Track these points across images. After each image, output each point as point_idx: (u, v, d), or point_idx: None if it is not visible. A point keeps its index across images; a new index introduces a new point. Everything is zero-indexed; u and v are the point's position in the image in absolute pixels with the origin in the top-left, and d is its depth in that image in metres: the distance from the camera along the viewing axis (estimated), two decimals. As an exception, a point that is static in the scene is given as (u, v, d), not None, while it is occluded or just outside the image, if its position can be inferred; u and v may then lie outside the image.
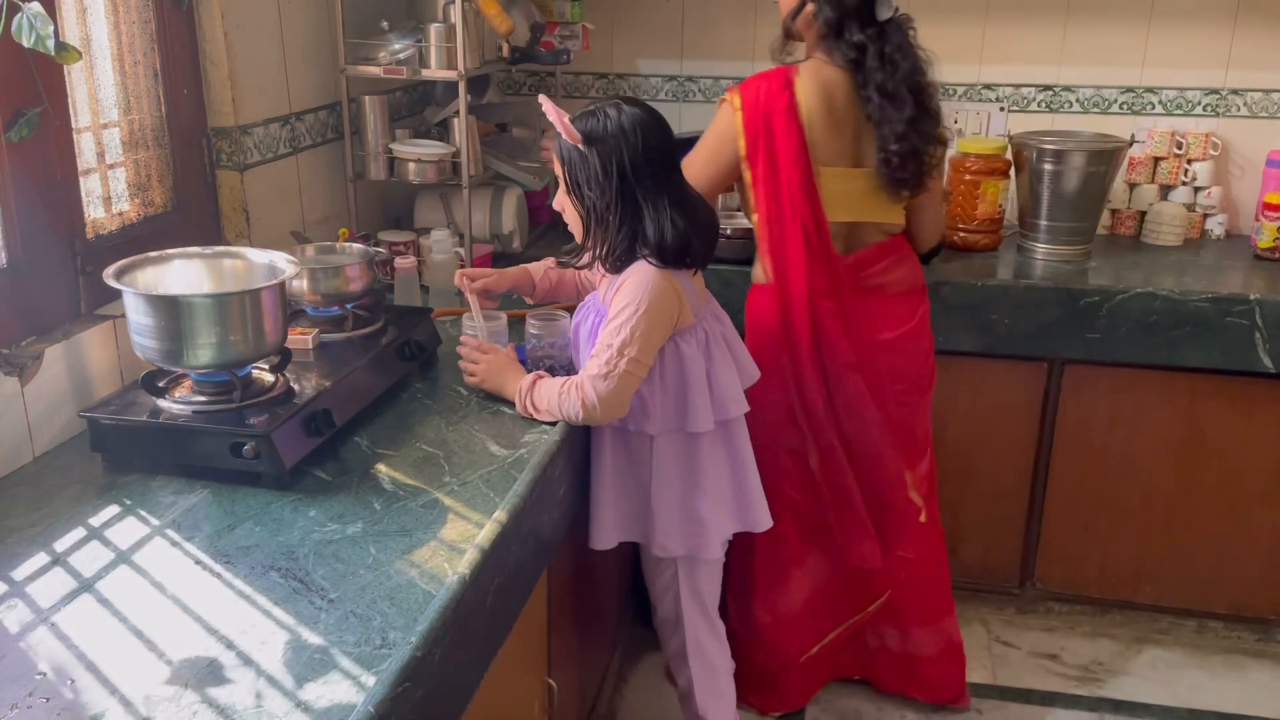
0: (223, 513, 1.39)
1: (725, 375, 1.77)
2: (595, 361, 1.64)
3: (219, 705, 1.02)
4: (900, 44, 2.00)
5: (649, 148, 1.64)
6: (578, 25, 2.71)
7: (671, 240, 1.64)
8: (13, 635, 1.13)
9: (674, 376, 1.73)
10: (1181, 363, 2.43)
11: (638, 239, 1.66)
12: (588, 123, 1.65)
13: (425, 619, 1.15)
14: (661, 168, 1.66)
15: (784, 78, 2.03)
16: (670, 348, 1.71)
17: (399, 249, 2.34)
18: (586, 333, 1.76)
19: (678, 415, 1.74)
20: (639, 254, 1.66)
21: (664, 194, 1.65)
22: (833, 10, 2.00)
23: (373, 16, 2.41)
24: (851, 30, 1.99)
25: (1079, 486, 2.61)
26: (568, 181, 1.69)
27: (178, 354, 1.46)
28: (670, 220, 1.64)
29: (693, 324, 1.73)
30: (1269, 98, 2.78)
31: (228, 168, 2.05)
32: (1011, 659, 2.59)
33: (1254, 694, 2.48)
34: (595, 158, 1.64)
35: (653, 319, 1.64)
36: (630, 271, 1.67)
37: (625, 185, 1.64)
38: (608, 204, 1.65)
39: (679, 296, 1.68)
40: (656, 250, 1.64)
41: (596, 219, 1.68)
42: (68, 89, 1.64)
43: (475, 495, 1.45)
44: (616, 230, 1.66)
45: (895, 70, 1.99)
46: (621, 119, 1.63)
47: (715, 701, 1.98)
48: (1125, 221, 2.88)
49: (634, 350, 1.62)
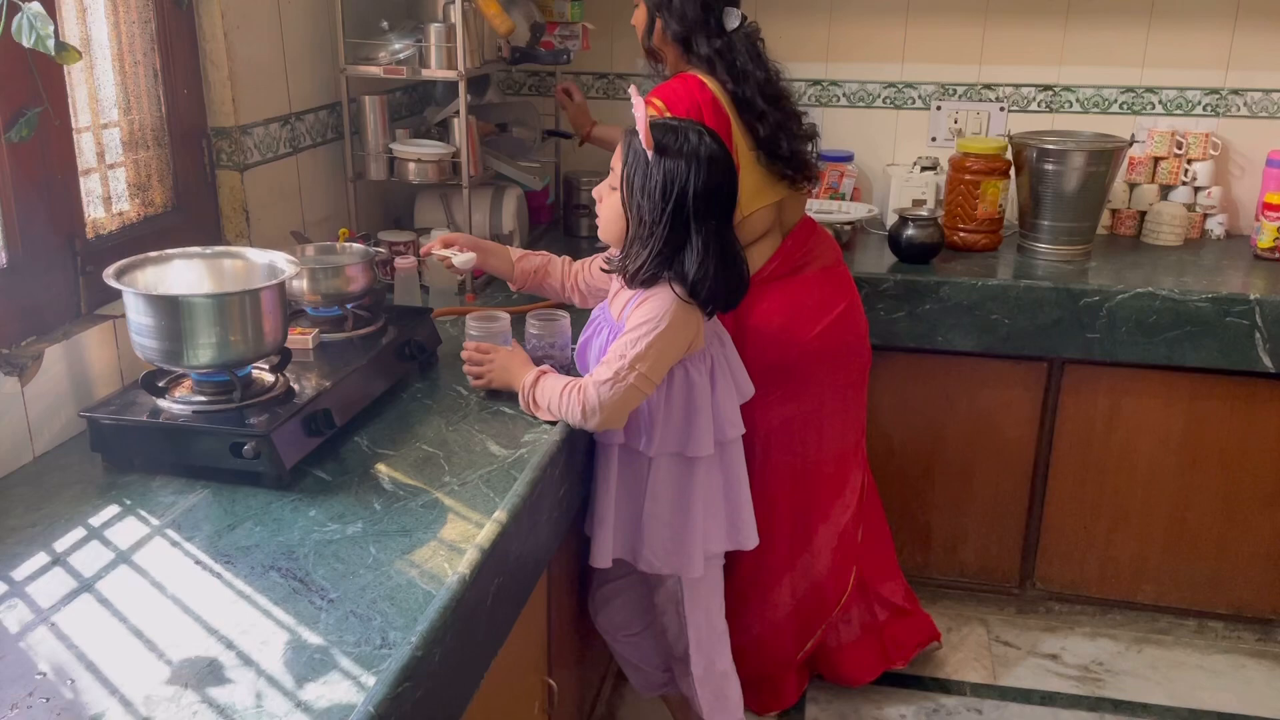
0: (223, 513, 1.39)
1: (726, 399, 1.78)
2: (605, 368, 1.62)
3: (219, 705, 1.02)
4: (751, 54, 2.04)
5: (714, 187, 1.62)
6: (578, 25, 2.71)
7: (705, 285, 1.63)
8: (13, 635, 1.13)
9: (681, 401, 1.73)
10: (1181, 363, 2.43)
11: (672, 267, 1.64)
12: (667, 136, 1.63)
13: (425, 619, 1.15)
14: (719, 210, 1.65)
15: (694, 78, 2.03)
16: (679, 372, 1.71)
17: (399, 249, 2.34)
18: (596, 350, 1.75)
19: (679, 439, 1.74)
20: (667, 280, 1.64)
21: (713, 236, 1.63)
22: (678, 24, 2.04)
23: (373, 16, 2.41)
24: (699, 43, 2.04)
25: (1079, 486, 2.62)
26: (624, 180, 1.66)
27: (178, 354, 1.46)
28: (713, 265, 1.62)
29: (702, 349, 1.73)
30: (1269, 98, 2.78)
31: (228, 168, 2.05)
32: (1011, 659, 2.59)
33: (1254, 694, 2.48)
34: (660, 172, 1.61)
35: (669, 339, 1.63)
36: (655, 290, 1.65)
37: (679, 211, 1.61)
38: (655, 220, 1.62)
39: (698, 324, 1.69)
40: (689, 287, 1.63)
41: (637, 229, 1.65)
42: (68, 89, 1.64)
43: (475, 495, 1.44)
44: (656, 250, 1.63)
45: (747, 80, 2.02)
46: (700, 147, 1.62)
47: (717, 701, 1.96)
48: (1125, 221, 2.88)
49: (645, 366, 1.61)
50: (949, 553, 2.74)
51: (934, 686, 2.49)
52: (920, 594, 2.69)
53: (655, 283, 1.65)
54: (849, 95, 2.99)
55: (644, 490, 1.78)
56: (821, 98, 3.00)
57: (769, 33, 2.15)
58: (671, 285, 1.64)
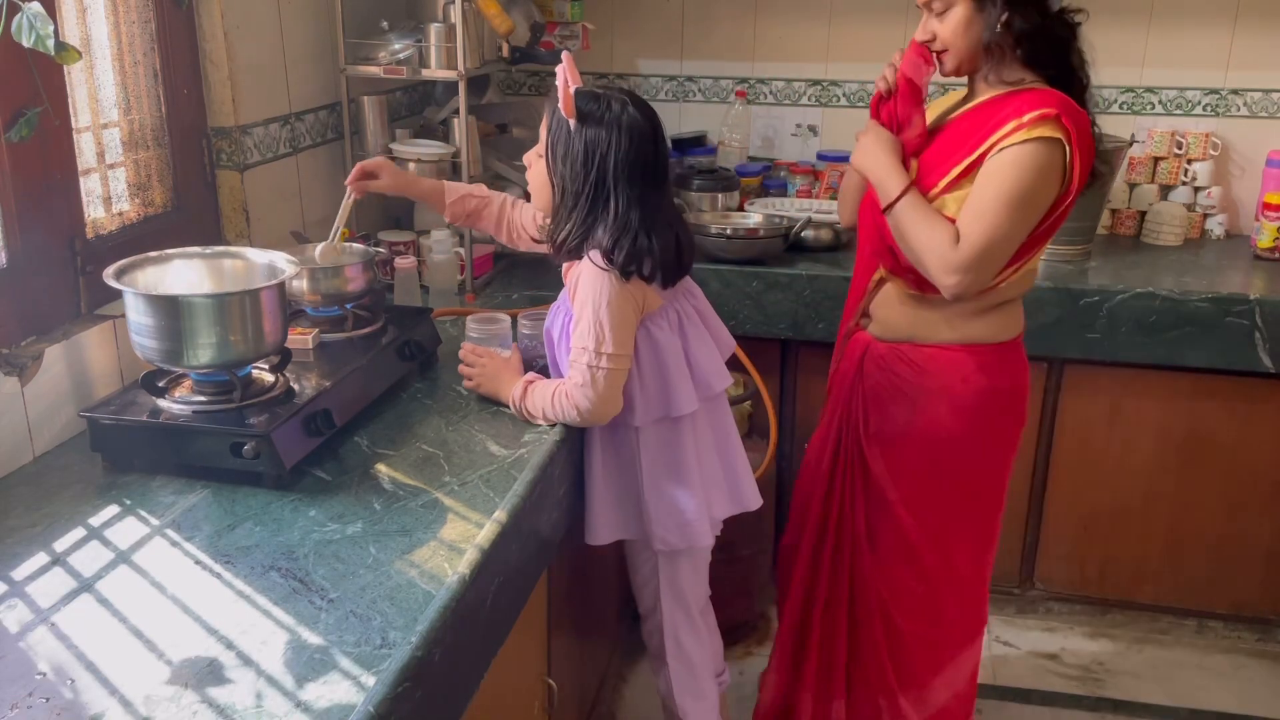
0: (223, 513, 1.39)
1: (703, 351, 1.73)
2: (575, 370, 1.61)
3: (219, 705, 1.02)
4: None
5: (636, 158, 1.59)
6: (578, 25, 2.71)
7: (624, 254, 1.58)
8: (13, 635, 1.13)
9: (651, 363, 1.68)
10: (1181, 363, 2.43)
11: (589, 237, 1.61)
12: (589, 104, 1.60)
13: (425, 619, 1.15)
14: (643, 181, 1.61)
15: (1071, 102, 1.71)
16: (642, 334, 1.67)
17: (399, 249, 2.34)
18: (559, 332, 1.72)
19: (661, 402, 1.69)
20: (586, 252, 1.62)
21: (635, 205, 1.60)
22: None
23: (373, 16, 2.41)
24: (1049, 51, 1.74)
25: (1079, 486, 2.62)
26: (547, 148, 1.64)
27: (178, 354, 1.46)
28: (633, 235, 1.59)
29: (662, 305, 1.68)
30: (1269, 98, 2.78)
31: (228, 168, 2.05)
32: (1011, 659, 2.59)
33: (1254, 694, 2.48)
34: (580, 141, 1.59)
35: (615, 308, 1.59)
36: (583, 265, 1.62)
37: (600, 181, 1.59)
38: (576, 190, 1.61)
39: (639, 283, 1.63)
40: (604, 255, 1.59)
41: (561, 198, 1.63)
42: (68, 89, 1.64)
43: (475, 495, 1.44)
44: (579, 220, 1.61)
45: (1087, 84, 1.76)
46: (623, 117, 1.59)
47: (695, 703, 1.91)
48: (1125, 221, 2.88)
49: (609, 346, 1.59)
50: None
51: (934, 686, 2.49)
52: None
53: (579, 254, 1.63)
54: (849, 95, 2.99)
55: (637, 464, 1.74)
56: (821, 98, 3.00)
57: (769, 33, 2.15)
58: (588, 255, 1.60)
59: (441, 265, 2.32)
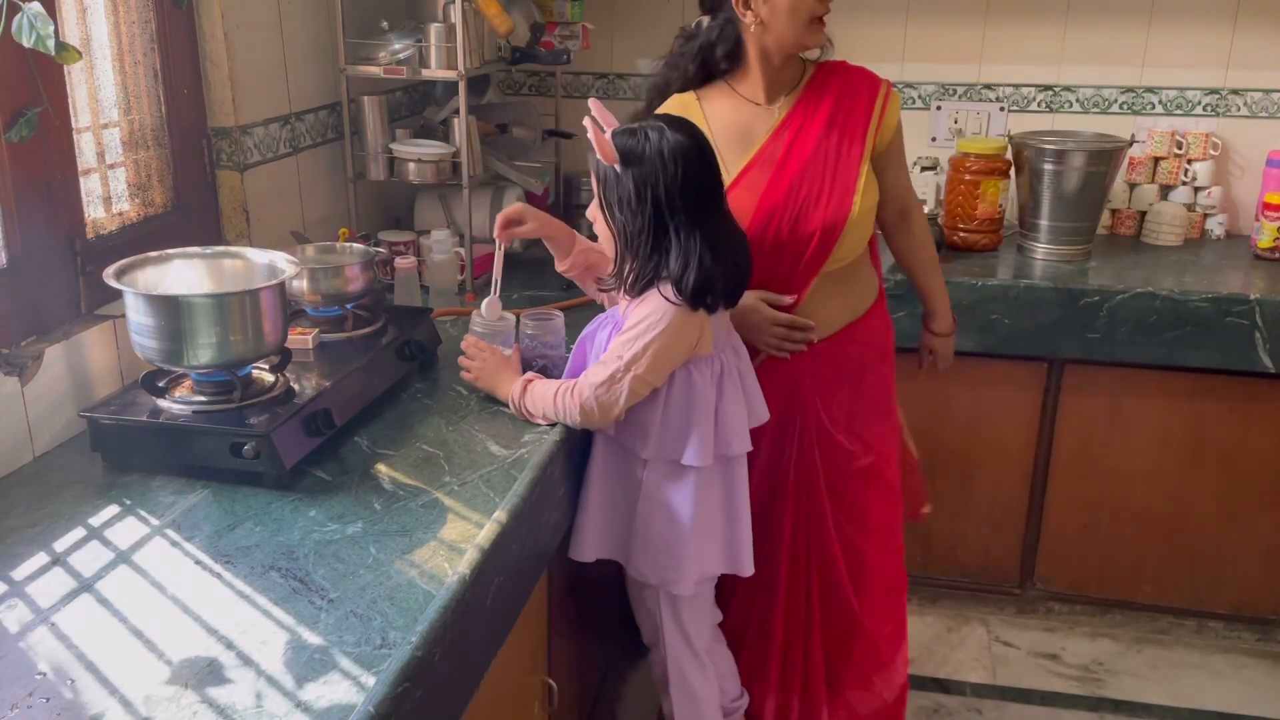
0: (223, 513, 1.39)
1: (732, 410, 1.70)
2: (600, 369, 1.60)
3: (219, 705, 1.02)
4: None
5: (688, 179, 1.56)
6: (578, 25, 2.71)
7: (694, 279, 1.57)
8: (13, 635, 1.13)
9: (680, 405, 1.66)
10: (1181, 363, 2.43)
11: (660, 271, 1.60)
12: (626, 142, 1.57)
13: (425, 619, 1.15)
14: (699, 201, 1.58)
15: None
16: (682, 374, 1.65)
17: (399, 249, 2.34)
18: (600, 343, 1.70)
19: (675, 445, 1.67)
20: (656, 286, 1.60)
21: (697, 229, 1.58)
22: None
23: (373, 16, 2.41)
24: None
25: (1079, 486, 2.62)
26: (601, 200, 1.63)
27: (178, 354, 1.46)
28: (699, 258, 1.57)
29: (710, 354, 1.67)
30: (1269, 98, 2.78)
31: (228, 168, 2.05)
32: (1011, 659, 2.59)
33: (1254, 694, 2.48)
34: (629, 181, 1.56)
35: (668, 339, 1.58)
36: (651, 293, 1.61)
37: (658, 214, 1.57)
38: (638, 230, 1.59)
39: (701, 324, 1.63)
40: (676, 286, 1.58)
41: (625, 243, 1.61)
42: (68, 89, 1.64)
43: (475, 495, 1.44)
44: (646, 259, 1.59)
45: None
46: (663, 144, 1.55)
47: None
48: (1125, 221, 2.88)
49: (642, 368, 1.57)
50: (949, 553, 2.74)
51: (934, 686, 2.49)
52: (920, 594, 2.70)
53: (650, 288, 1.61)
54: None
55: (637, 492, 1.72)
56: (821, 98, 3.00)
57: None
58: (659, 289, 1.59)
59: (441, 265, 2.32)
